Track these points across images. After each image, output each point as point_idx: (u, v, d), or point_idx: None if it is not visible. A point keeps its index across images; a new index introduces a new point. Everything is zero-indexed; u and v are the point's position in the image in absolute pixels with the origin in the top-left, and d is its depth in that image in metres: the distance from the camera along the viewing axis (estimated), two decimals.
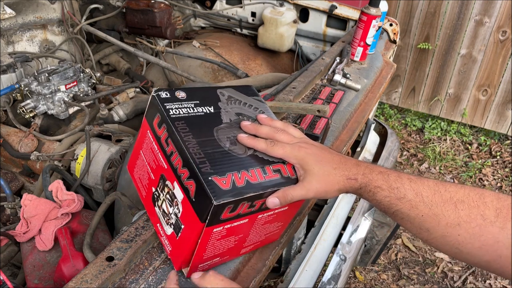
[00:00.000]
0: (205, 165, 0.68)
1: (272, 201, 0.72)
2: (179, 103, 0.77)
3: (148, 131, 0.78)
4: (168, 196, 0.73)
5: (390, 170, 0.74)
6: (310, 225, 1.42)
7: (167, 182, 0.73)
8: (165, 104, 0.75)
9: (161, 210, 0.76)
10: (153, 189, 0.78)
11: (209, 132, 0.75)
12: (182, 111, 0.76)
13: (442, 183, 0.70)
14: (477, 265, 0.68)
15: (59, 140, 1.37)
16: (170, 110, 0.74)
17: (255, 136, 0.79)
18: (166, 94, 0.77)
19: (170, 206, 0.72)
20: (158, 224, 0.78)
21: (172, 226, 0.72)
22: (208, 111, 0.79)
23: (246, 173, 0.71)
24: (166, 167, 0.73)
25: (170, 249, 0.75)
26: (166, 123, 0.73)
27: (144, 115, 0.79)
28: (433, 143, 3.45)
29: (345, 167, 0.75)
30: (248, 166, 0.72)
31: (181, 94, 0.79)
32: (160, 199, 0.76)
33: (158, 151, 0.75)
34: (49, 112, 1.42)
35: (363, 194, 0.74)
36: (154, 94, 0.76)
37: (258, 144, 0.76)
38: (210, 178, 0.66)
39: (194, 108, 0.78)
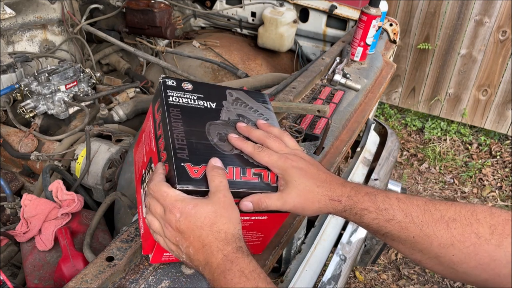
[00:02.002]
0: (183, 152, 0.69)
1: (246, 204, 0.70)
2: (182, 92, 0.78)
3: (150, 116, 0.80)
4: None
5: (378, 190, 0.71)
6: (310, 225, 1.41)
7: (152, 165, 0.75)
8: (168, 90, 0.77)
9: (144, 191, 0.77)
10: (143, 171, 0.79)
11: (201, 125, 0.75)
12: (182, 100, 0.77)
13: (431, 201, 0.67)
14: (475, 284, 0.66)
15: (59, 140, 1.37)
16: (170, 97, 0.76)
17: (248, 139, 0.77)
18: (173, 83, 0.79)
19: None
20: (140, 206, 0.79)
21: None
22: (209, 106, 0.79)
23: None
24: (154, 150, 0.75)
25: (142, 232, 0.76)
26: (162, 108, 0.75)
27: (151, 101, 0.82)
28: (433, 143, 3.45)
29: (329, 187, 0.71)
30: (229, 164, 0.72)
31: (187, 86, 0.80)
32: (145, 181, 0.78)
33: (152, 134, 0.77)
34: (49, 112, 1.42)
35: (349, 216, 0.71)
36: (161, 80, 0.78)
37: (245, 146, 0.75)
38: (182, 164, 0.67)
39: (196, 101, 0.79)
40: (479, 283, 0.65)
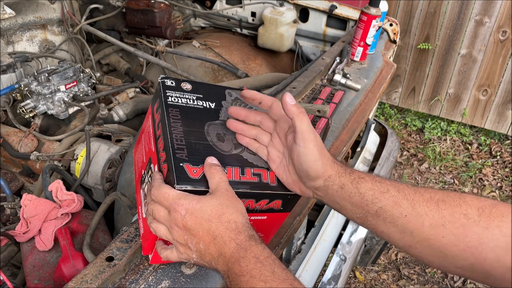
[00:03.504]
0: (182, 152, 0.69)
1: (288, 95, 0.69)
2: (181, 93, 0.78)
3: (149, 116, 0.80)
4: (149, 178, 0.74)
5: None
6: (310, 225, 1.41)
7: (151, 165, 0.75)
8: (167, 91, 0.77)
9: (144, 192, 0.77)
10: (143, 172, 0.79)
11: (200, 125, 0.75)
12: (181, 100, 0.77)
13: (420, 187, 0.68)
14: (460, 272, 0.65)
15: (59, 140, 1.37)
16: (169, 97, 0.76)
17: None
18: (172, 83, 0.79)
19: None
20: (140, 207, 0.79)
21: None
22: (208, 106, 0.79)
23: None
24: (153, 150, 0.75)
25: (142, 232, 0.76)
26: (161, 108, 0.75)
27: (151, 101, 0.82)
28: (433, 143, 3.45)
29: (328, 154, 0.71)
30: (227, 164, 0.72)
31: (186, 86, 0.80)
32: (144, 182, 0.78)
33: (151, 134, 0.77)
34: (49, 112, 1.42)
35: (346, 184, 0.69)
36: (160, 80, 0.78)
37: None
38: (181, 164, 0.67)
39: (195, 101, 0.79)
40: (465, 269, 0.64)
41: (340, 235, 1.52)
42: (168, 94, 0.77)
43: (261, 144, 0.78)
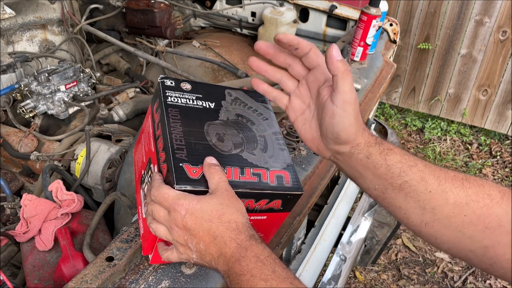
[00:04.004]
0: (181, 152, 0.69)
1: (333, 48, 0.64)
2: (180, 93, 0.78)
3: (149, 116, 0.81)
4: (149, 178, 0.74)
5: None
6: (310, 225, 1.41)
7: (151, 165, 0.75)
8: (166, 91, 0.77)
9: (144, 192, 0.77)
10: (142, 172, 0.79)
11: (199, 125, 0.75)
12: (181, 100, 0.77)
13: (441, 167, 0.66)
14: (470, 255, 0.64)
15: (59, 140, 1.37)
16: (169, 97, 0.76)
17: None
18: (171, 83, 0.79)
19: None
20: (140, 207, 0.79)
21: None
22: (208, 106, 0.79)
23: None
24: (153, 150, 0.75)
25: (142, 232, 0.76)
26: (161, 108, 0.75)
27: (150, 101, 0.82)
28: (433, 143, 3.45)
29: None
30: (227, 164, 0.71)
31: (186, 86, 0.80)
32: (144, 182, 0.78)
33: (151, 135, 0.77)
34: (49, 112, 1.42)
35: (373, 154, 0.66)
36: (160, 80, 0.78)
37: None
38: (180, 164, 0.67)
39: (195, 101, 0.79)
40: (476, 254, 0.64)
41: (340, 235, 1.53)
42: (167, 94, 0.77)
43: (281, 92, 0.74)
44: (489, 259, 0.63)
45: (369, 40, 1.60)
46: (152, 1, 1.89)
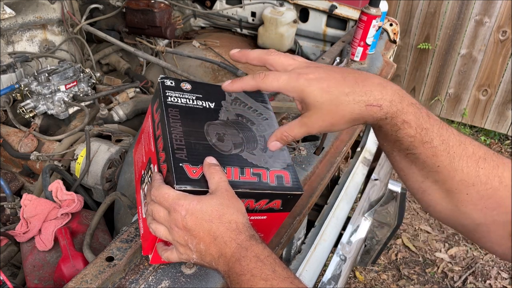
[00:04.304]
0: (181, 152, 0.69)
1: (273, 144, 0.66)
2: (180, 93, 0.78)
3: (149, 116, 0.81)
4: (149, 178, 0.74)
5: (420, 104, 0.62)
6: (310, 225, 1.41)
7: (151, 165, 0.75)
8: (166, 91, 0.77)
9: (144, 192, 0.77)
10: (142, 172, 0.80)
11: (199, 125, 0.75)
12: (181, 100, 0.77)
13: (465, 135, 0.62)
14: (461, 228, 0.64)
15: (59, 140, 1.37)
16: (169, 97, 0.76)
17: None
18: (171, 83, 0.79)
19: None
20: (140, 207, 0.79)
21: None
22: (208, 106, 0.80)
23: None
24: (153, 150, 0.75)
25: (142, 232, 0.76)
26: (161, 108, 0.75)
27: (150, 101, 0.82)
28: None
29: (362, 91, 0.59)
30: (227, 164, 0.71)
31: (186, 86, 0.81)
32: (144, 182, 0.78)
33: (151, 134, 0.77)
34: (49, 112, 1.42)
35: (384, 126, 0.61)
36: (160, 80, 0.78)
37: (245, 81, 0.65)
38: (180, 164, 0.67)
39: (195, 101, 0.79)
40: (468, 229, 0.63)
41: (340, 235, 1.52)
42: (167, 94, 0.77)
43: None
44: (479, 233, 0.63)
45: (369, 40, 1.60)
46: (152, 1, 1.89)
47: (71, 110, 1.46)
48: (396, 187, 1.65)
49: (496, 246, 0.63)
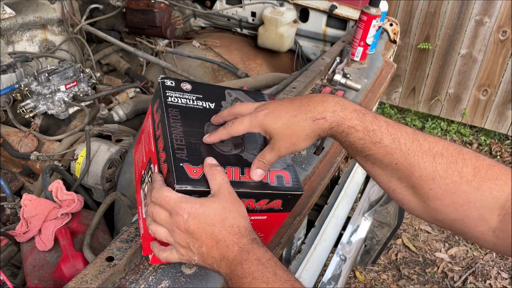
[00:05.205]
0: (181, 152, 0.69)
1: (255, 173, 0.70)
2: (180, 93, 0.78)
3: (149, 116, 0.80)
4: (149, 178, 0.74)
5: (366, 110, 0.67)
6: (310, 225, 1.41)
7: (151, 165, 0.75)
8: (166, 91, 0.77)
9: (144, 192, 0.77)
10: (143, 172, 0.79)
11: (199, 125, 0.75)
12: (181, 100, 0.77)
13: (420, 133, 0.66)
14: (439, 223, 0.66)
15: (59, 140, 1.37)
16: (169, 97, 0.76)
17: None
18: (171, 83, 0.79)
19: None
20: (140, 207, 0.79)
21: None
22: (208, 106, 0.80)
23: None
24: (153, 150, 0.75)
25: (142, 232, 0.76)
26: (161, 108, 0.75)
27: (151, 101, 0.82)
28: None
29: (307, 109, 0.66)
30: (227, 164, 0.71)
31: (186, 86, 0.80)
32: (145, 182, 0.78)
33: (151, 135, 0.77)
34: (49, 112, 1.42)
35: (335, 135, 0.67)
36: (160, 81, 0.78)
37: (219, 132, 0.72)
38: (181, 164, 0.67)
39: (195, 101, 0.79)
40: (445, 222, 0.65)
41: (340, 235, 1.53)
42: (168, 94, 0.77)
43: None
44: (459, 229, 0.64)
45: (369, 40, 1.60)
46: (152, 1, 1.90)
47: (71, 110, 1.46)
48: None
49: (482, 241, 0.64)
